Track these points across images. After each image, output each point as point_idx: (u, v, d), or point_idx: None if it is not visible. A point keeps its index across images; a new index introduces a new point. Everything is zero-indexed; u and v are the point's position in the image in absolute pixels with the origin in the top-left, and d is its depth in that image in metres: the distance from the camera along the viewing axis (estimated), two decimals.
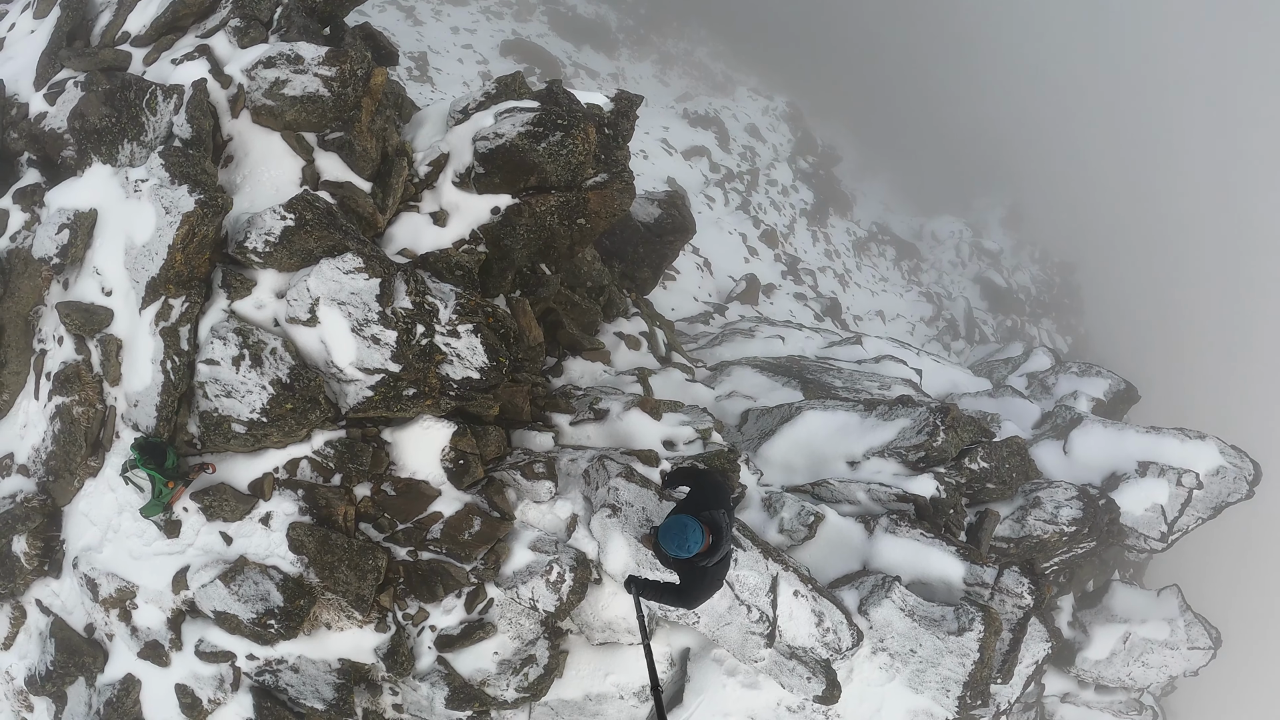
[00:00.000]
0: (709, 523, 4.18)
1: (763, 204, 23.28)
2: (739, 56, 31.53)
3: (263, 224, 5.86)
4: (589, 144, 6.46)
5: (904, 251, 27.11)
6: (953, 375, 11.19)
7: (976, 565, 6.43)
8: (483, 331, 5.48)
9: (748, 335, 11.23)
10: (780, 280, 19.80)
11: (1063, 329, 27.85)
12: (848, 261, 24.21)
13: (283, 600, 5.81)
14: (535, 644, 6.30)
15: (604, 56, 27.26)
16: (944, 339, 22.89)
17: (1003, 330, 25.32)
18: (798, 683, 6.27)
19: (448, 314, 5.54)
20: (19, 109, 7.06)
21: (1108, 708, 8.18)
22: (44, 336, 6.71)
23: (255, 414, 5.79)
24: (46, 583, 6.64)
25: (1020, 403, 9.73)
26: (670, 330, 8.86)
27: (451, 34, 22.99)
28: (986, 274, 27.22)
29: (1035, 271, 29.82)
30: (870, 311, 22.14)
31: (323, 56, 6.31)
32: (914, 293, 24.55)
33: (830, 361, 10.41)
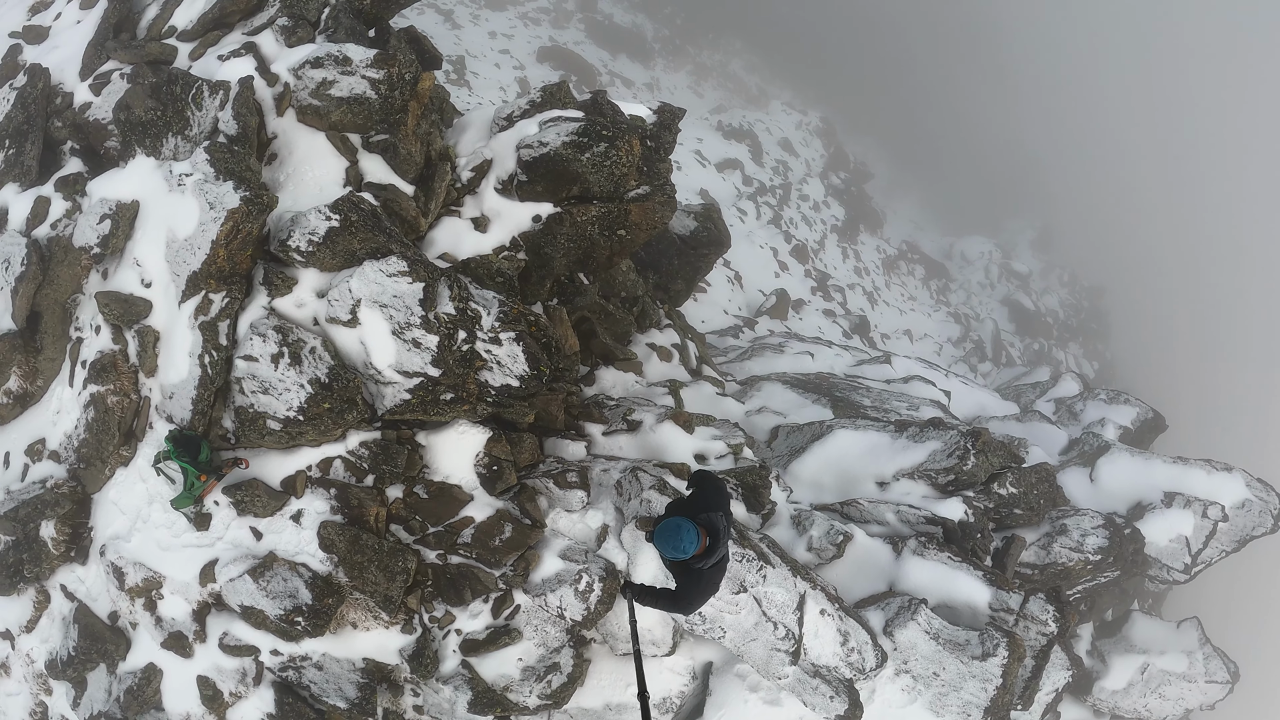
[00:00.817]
0: (705, 524, 4.10)
1: (794, 219, 23.19)
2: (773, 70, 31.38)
3: (307, 223, 5.81)
4: (633, 156, 6.41)
5: (933, 271, 26.93)
6: (980, 398, 11.11)
7: (1003, 591, 6.35)
8: (525, 340, 5.43)
9: (777, 350, 11.15)
10: (810, 296, 19.73)
11: (1089, 354, 27.61)
12: (877, 279, 24.07)
13: (311, 598, 5.74)
14: (560, 652, 6.23)
15: (640, 66, 27.19)
16: (971, 360, 22.73)
17: (1029, 353, 25.14)
18: (820, 701, 6.19)
19: (490, 321, 5.48)
20: (64, 98, 7.03)
21: None
22: (81, 325, 6.67)
23: (292, 412, 5.74)
24: (72, 568, 6.59)
25: (1048, 428, 9.65)
26: (701, 343, 8.81)
27: (489, 39, 23.01)
28: (1015, 296, 27.01)
29: (1064, 295, 29.57)
30: (898, 330, 22.00)
31: (371, 59, 6.27)
32: (942, 313, 24.40)
33: (859, 380, 10.33)
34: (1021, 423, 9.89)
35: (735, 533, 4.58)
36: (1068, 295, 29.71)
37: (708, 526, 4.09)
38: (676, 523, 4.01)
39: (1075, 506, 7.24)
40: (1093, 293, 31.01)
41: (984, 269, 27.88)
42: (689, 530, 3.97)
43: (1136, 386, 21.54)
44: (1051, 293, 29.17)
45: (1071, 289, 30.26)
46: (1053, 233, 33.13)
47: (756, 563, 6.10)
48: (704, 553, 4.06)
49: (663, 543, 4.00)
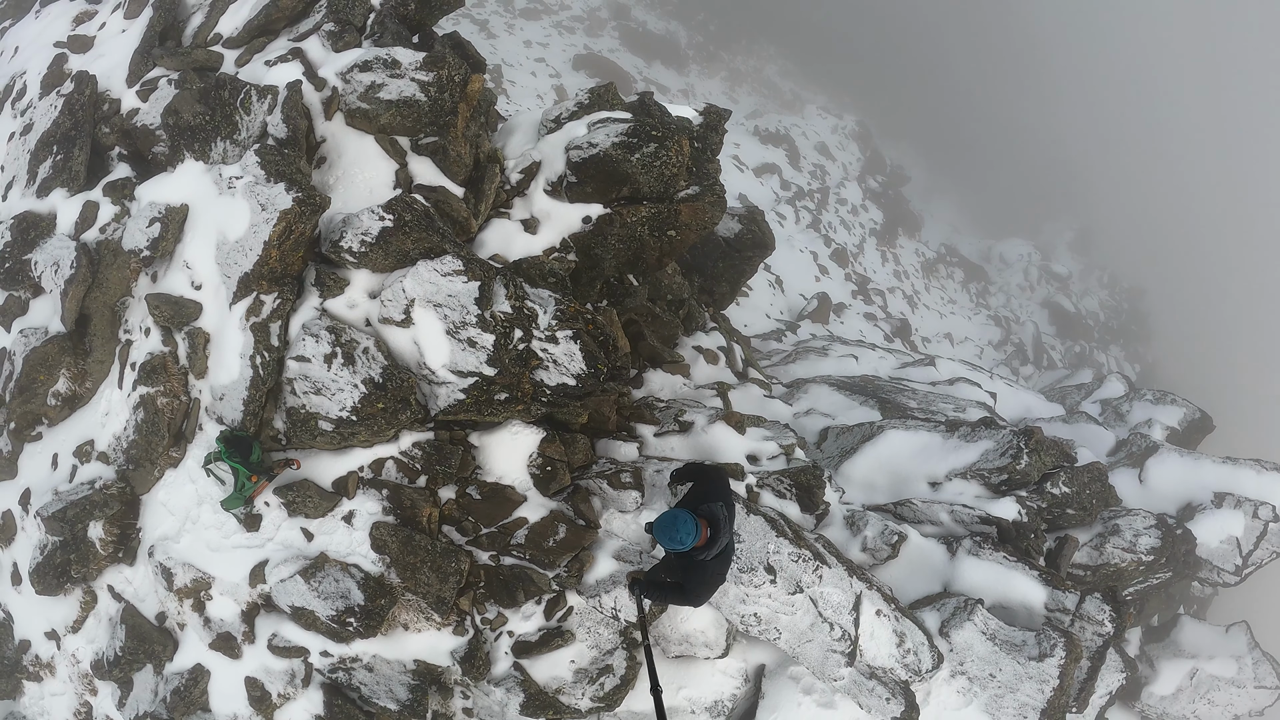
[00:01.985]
0: (705, 516, 3.96)
1: (833, 223, 23.02)
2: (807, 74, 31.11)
3: (359, 224, 5.71)
4: (683, 156, 6.30)
5: (972, 274, 26.62)
6: (1026, 400, 10.92)
7: (1059, 591, 6.16)
8: (582, 338, 5.29)
9: (821, 354, 11.00)
10: (850, 300, 19.56)
11: (1131, 356, 27.19)
12: (916, 283, 23.84)
13: (363, 599, 5.60)
14: (613, 654, 6.06)
15: (674, 72, 27.05)
16: (1012, 363, 22.43)
17: (1071, 356, 24.78)
18: (876, 703, 5.99)
19: (547, 320, 5.35)
20: (111, 104, 6.97)
21: None
22: (130, 327, 6.57)
23: (345, 412, 5.61)
24: (120, 569, 6.48)
25: (1095, 429, 9.46)
26: (746, 346, 8.66)
27: (524, 48, 23.00)
28: (1055, 298, 26.64)
29: (1104, 297, 29.13)
30: (939, 334, 21.76)
31: (420, 61, 6.18)
32: (982, 315, 24.11)
33: (904, 382, 10.15)
34: (1068, 424, 9.70)
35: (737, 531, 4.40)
36: (1108, 297, 29.22)
37: (708, 517, 3.96)
38: (674, 514, 3.88)
39: (1127, 507, 7.04)
40: (1132, 294, 30.39)
41: (1023, 271, 27.47)
42: (686, 521, 3.84)
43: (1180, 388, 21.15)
44: (1091, 294, 28.69)
45: (1111, 290, 29.72)
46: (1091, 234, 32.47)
47: (813, 562, 5.93)
48: (705, 544, 3.93)
49: (661, 534, 3.87)
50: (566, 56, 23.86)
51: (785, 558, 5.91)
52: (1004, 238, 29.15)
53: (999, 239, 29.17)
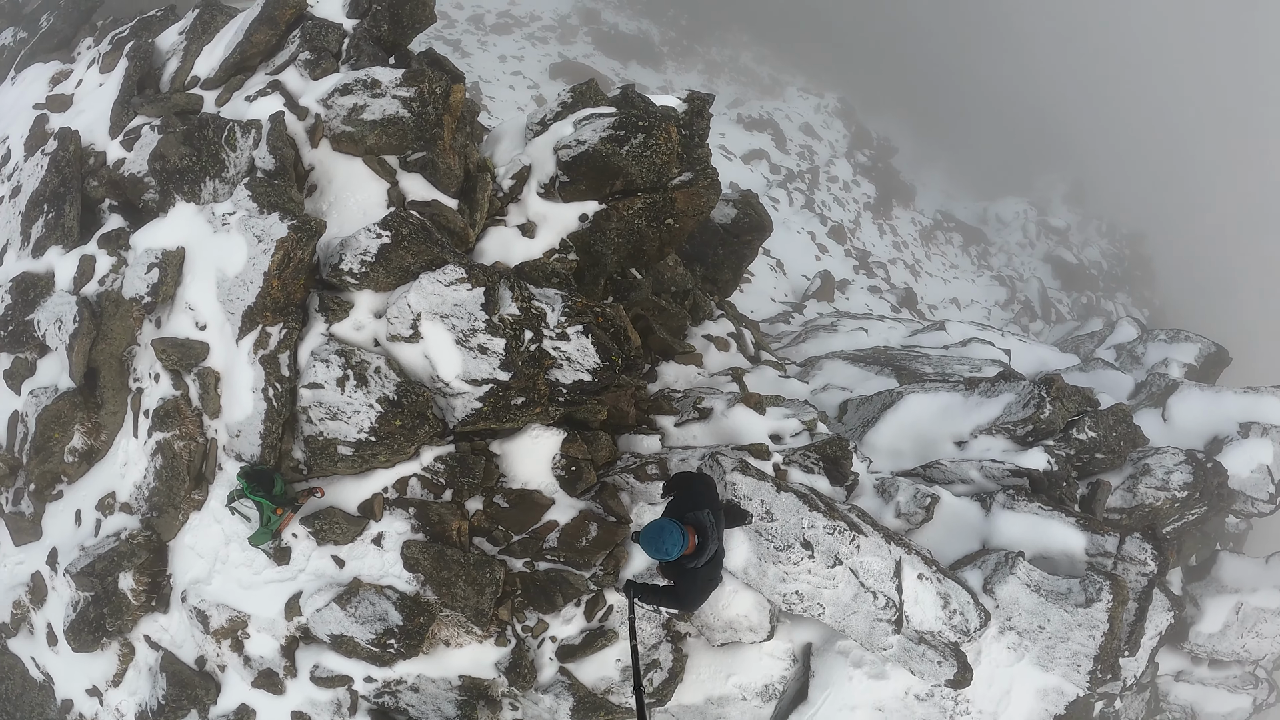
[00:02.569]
0: (693, 524, 3.92)
1: (826, 201, 22.75)
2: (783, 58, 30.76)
3: (358, 244, 5.63)
4: (671, 143, 6.22)
5: (970, 237, 26.30)
6: (1040, 353, 10.79)
7: (1098, 535, 6.04)
8: (593, 331, 5.20)
9: (830, 330, 10.91)
10: (853, 275, 19.34)
11: (1138, 301, 26.84)
12: (916, 251, 23.54)
13: (401, 619, 5.49)
14: (658, 648, 5.95)
15: (651, 70, 26.91)
16: (1021, 321, 22.12)
17: (1078, 307, 24.47)
18: (928, 668, 5.86)
19: (556, 317, 5.26)
20: (96, 158, 6.92)
21: (1222, 683, 7.68)
22: (139, 375, 6.49)
23: (363, 434, 5.51)
24: (154, 618, 6.36)
25: (1112, 374, 9.31)
26: (756, 330, 8.56)
27: (500, 62, 22.92)
28: (1056, 252, 26.32)
29: (1104, 245, 28.72)
30: (944, 300, 21.48)
31: (400, 78, 6.12)
32: (986, 277, 23.81)
33: (917, 349, 10.05)
34: (1085, 372, 9.55)
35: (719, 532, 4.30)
36: (1108, 245, 28.82)
37: (695, 525, 3.93)
38: (659, 524, 3.85)
39: (1155, 446, 6.91)
40: (1133, 239, 29.96)
41: (1021, 229, 27.13)
42: (672, 532, 3.80)
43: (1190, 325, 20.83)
44: (1092, 244, 28.31)
45: (1111, 238, 29.30)
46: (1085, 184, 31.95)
47: (849, 533, 5.81)
48: (694, 552, 3.90)
49: (647, 545, 3.84)
50: (542, 67, 23.79)
51: (820, 531, 5.80)
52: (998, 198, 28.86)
53: (993, 199, 28.87)
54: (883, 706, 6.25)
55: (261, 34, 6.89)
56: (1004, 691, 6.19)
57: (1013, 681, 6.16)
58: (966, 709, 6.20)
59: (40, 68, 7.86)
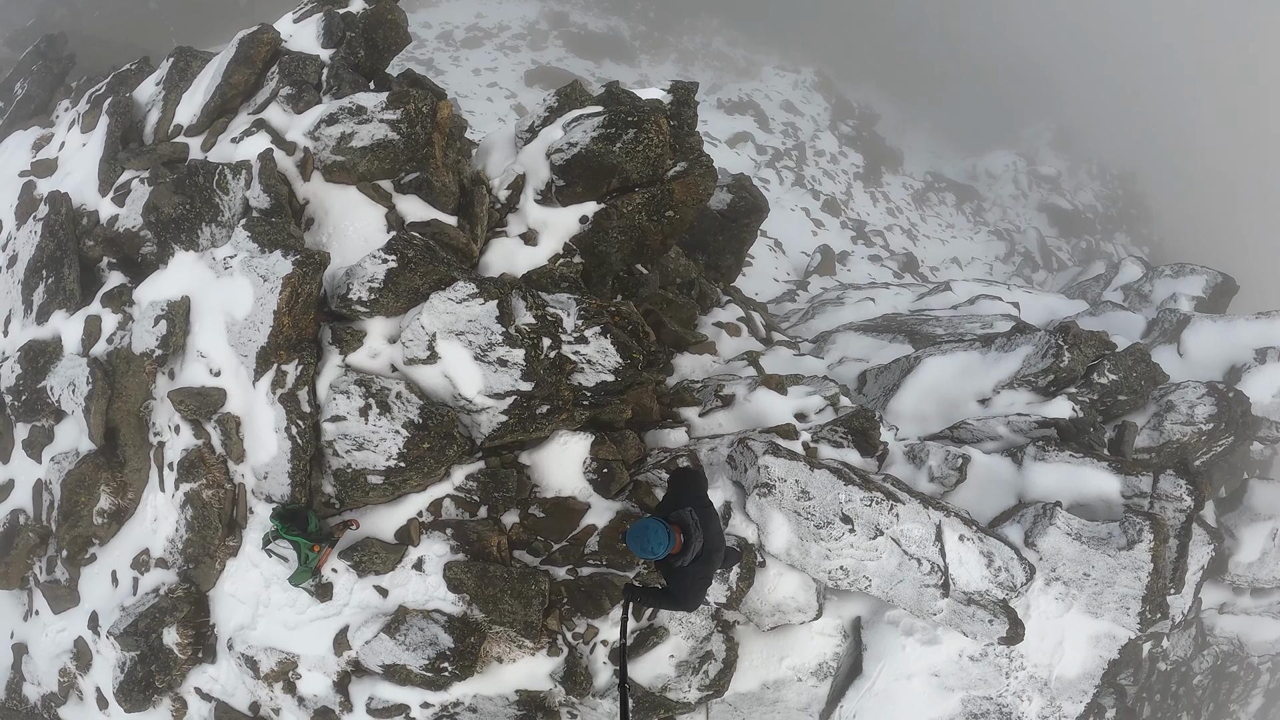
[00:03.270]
0: (676, 522, 3.90)
1: (816, 176, 22.40)
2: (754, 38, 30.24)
3: (363, 272, 5.53)
4: (663, 135, 6.13)
5: (963, 195, 25.88)
6: (1048, 303, 10.70)
7: (1131, 476, 5.97)
8: (612, 331, 5.11)
9: (837, 304, 10.82)
10: (852, 246, 19.07)
11: (1137, 240, 26.48)
12: (911, 215, 23.18)
13: (453, 641, 5.40)
14: (710, 639, 5.86)
15: (625, 66, 26.52)
16: (1024, 273, 21.84)
17: (1078, 253, 24.22)
18: (980, 628, 5.78)
19: (572, 321, 5.17)
20: (89, 217, 6.81)
21: (1266, 611, 7.63)
22: (159, 429, 6.37)
23: (391, 460, 5.42)
24: (203, 669, 6.26)
25: (1122, 315, 9.23)
26: (764, 312, 8.47)
27: (474, 76, 22.67)
28: (1050, 200, 25.92)
29: (1097, 188, 28.31)
30: (945, 260, 21.12)
31: (384, 102, 6.03)
32: (983, 233, 23.46)
33: (926, 312, 9.97)
34: (1096, 316, 9.47)
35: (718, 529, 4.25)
36: (1101, 187, 28.39)
37: (679, 524, 3.90)
38: (644, 524, 3.83)
39: (1176, 382, 6.84)
40: (1124, 178, 29.47)
41: (1012, 180, 26.69)
42: (657, 531, 3.78)
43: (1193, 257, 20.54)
44: (1084, 188, 27.84)
45: (1103, 180, 28.84)
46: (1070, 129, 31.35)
47: (886, 503, 5.73)
48: (680, 551, 3.87)
49: (633, 544, 3.83)
50: (517, 75, 23.55)
51: (858, 504, 5.72)
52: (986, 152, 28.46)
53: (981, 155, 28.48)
54: (938, 671, 6.18)
55: (239, 74, 6.78)
56: (1056, 643, 6.11)
57: (1064, 632, 6.09)
58: (1021, 664, 6.13)
59: (21, 135, 7.73)
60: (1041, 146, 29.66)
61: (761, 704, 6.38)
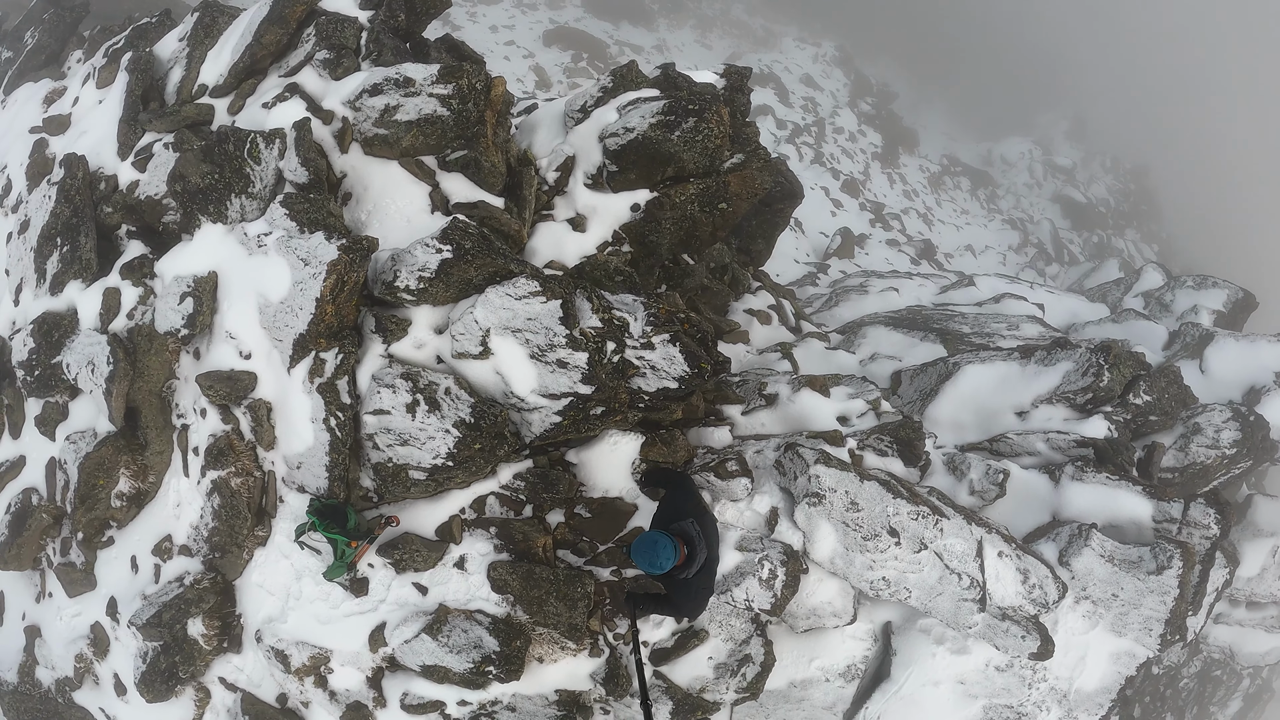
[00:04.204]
0: (680, 535, 3.88)
1: (835, 154, 21.54)
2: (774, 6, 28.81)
3: (414, 260, 5.15)
4: (724, 126, 5.80)
5: (978, 180, 25.07)
6: (1071, 305, 10.60)
7: (1164, 502, 5.97)
8: (681, 340, 4.84)
9: (861, 291, 10.60)
10: (870, 229, 18.47)
11: (1146, 236, 25.94)
12: (927, 199, 22.42)
13: (498, 644, 5.22)
14: (749, 642, 5.78)
15: (643, 29, 25.10)
16: (1037, 265, 21.39)
17: (1090, 247, 23.69)
18: (1012, 643, 5.78)
19: (640, 326, 4.89)
20: (107, 182, 6.26)
21: (1259, 624, 7.80)
22: (183, 411, 5.98)
23: (439, 459, 5.15)
24: (228, 659, 6.00)
25: (1145, 325, 9.18)
26: (793, 299, 8.23)
27: (491, 33, 21.41)
28: (1064, 191, 25.23)
29: (1110, 182, 27.57)
30: (959, 247, 20.55)
31: (435, 75, 5.56)
32: (997, 221, 22.79)
33: (950, 307, 9.80)
34: (1119, 324, 9.42)
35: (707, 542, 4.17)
36: (1114, 181, 27.68)
37: (682, 536, 3.84)
38: (652, 538, 3.77)
39: (1203, 404, 6.83)
40: (1137, 174, 28.72)
41: (1027, 169, 25.91)
42: (665, 546, 3.73)
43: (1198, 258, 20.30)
44: (1097, 181, 27.13)
45: (1116, 174, 28.11)
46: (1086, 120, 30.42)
47: (932, 518, 5.64)
48: (684, 563, 3.82)
49: (640, 559, 3.77)
50: (535, 34, 22.29)
51: (905, 517, 5.61)
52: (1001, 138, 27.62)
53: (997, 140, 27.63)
54: (964, 679, 6.19)
55: (272, 34, 6.22)
56: (1079, 658, 6.16)
57: (1087, 648, 6.14)
58: (1044, 676, 6.18)
59: (31, 88, 7.06)
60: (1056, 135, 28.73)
61: (788, 702, 6.35)
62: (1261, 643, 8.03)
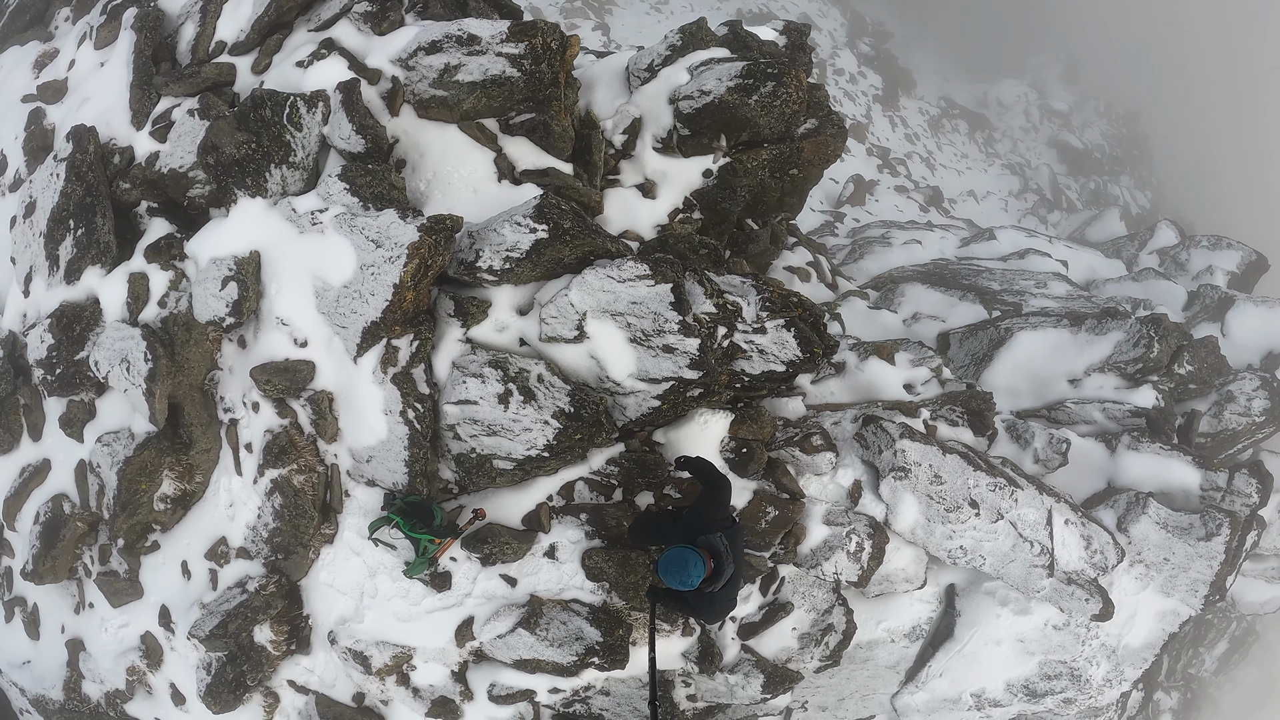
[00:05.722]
0: (706, 549, 3.89)
1: (838, 97, 20.61)
2: None
3: (500, 239, 4.82)
4: (802, 91, 5.61)
5: (975, 123, 24.56)
6: (1089, 261, 10.87)
7: (1210, 471, 6.36)
8: (797, 325, 4.70)
9: (884, 244, 10.59)
10: (878, 175, 18.00)
11: (1139, 183, 25.82)
12: (928, 143, 21.93)
13: (600, 635, 5.17)
14: (831, 612, 5.90)
15: None
16: (1039, 212, 21.20)
17: (1086, 193, 23.61)
18: (1077, 605, 6.13)
19: (753, 311, 4.76)
20: (122, 154, 5.60)
21: (1260, 574, 8.44)
22: (229, 404, 5.56)
23: (535, 450, 4.91)
24: (296, 661, 5.79)
25: (1164, 285, 9.52)
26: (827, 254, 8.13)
27: None
28: (1061, 136, 25.06)
29: (1104, 126, 27.26)
30: (962, 193, 20.21)
31: (505, 33, 5.13)
32: (996, 166, 22.47)
33: (975, 262, 9.92)
34: (1139, 282, 9.75)
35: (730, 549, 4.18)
36: (1107, 126, 27.40)
37: (709, 550, 3.87)
38: (683, 556, 3.77)
39: (1235, 373, 7.21)
40: (1129, 119, 28.53)
41: (1024, 112, 25.52)
42: (697, 563, 3.75)
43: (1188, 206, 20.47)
44: (1091, 126, 26.89)
45: (1109, 119, 27.86)
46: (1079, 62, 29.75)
47: (1008, 489, 5.82)
48: (710, 578, 3.86)
49: (670, 577, 3.77)
50: None
51: (984, 489, 5.77)
52: (996, 80, 27.07)
53: (992, 82, 27.05)
54: (1024, 638, 6.53)
55: None
56: (1129, 616, 6.58)
57: (1138, 607, 6.56)
58: (1096, 634, 6.59)
59: (18, 51, 6.18)
60: (1050, 78, 28.24)
61: (853, 662, 6.58)
62: (1261, 592, 8.73)
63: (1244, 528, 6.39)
